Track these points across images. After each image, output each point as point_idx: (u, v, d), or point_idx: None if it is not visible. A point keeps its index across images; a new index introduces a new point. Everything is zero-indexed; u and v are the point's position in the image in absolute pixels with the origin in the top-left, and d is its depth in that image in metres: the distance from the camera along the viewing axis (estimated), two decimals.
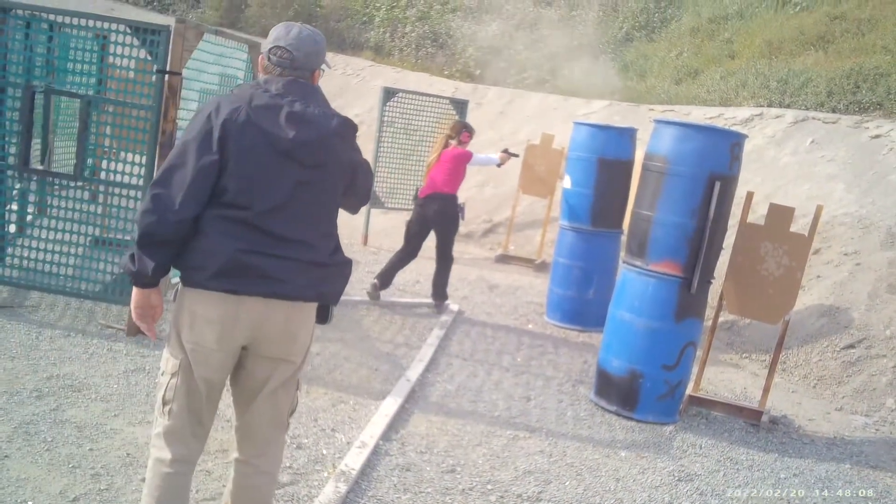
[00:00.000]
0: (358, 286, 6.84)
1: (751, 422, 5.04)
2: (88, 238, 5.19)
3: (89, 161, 5.38)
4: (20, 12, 5.05)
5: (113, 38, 4.95)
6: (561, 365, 5.80)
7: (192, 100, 5.18)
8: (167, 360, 2.46)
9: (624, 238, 5.94)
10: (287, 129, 2.36)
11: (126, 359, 4.48)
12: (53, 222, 5.07)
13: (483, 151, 8.67)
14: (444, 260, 6.59)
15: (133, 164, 4.86)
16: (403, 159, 9.57)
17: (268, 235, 2.36)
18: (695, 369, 5.14)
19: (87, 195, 5.57)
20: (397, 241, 6.81)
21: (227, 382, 2.55)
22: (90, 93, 5.04)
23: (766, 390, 5.07)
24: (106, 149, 5.31)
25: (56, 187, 5.51)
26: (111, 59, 5.25)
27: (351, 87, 14.32)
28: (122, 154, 5.01)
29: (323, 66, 2.56)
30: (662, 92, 11.57)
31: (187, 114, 5.09)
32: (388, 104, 9.17)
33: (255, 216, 2.35)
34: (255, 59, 5.75)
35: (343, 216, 2.69)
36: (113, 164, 5.02)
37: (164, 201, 2.28)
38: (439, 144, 6.62)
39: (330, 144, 2.43)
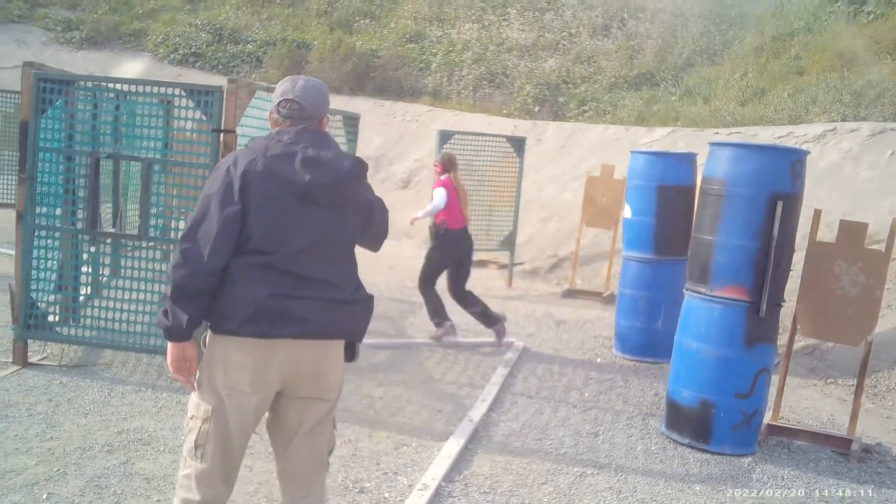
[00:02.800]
0: (421, 328, 6.84)
1: (839, 451, 4.75)
2: (158, 296, 5.35)
3: (157, 221, 5.57)
4: (84, 83, 5.33)
5: (175, 101, 5.17)
6: (630, 398, 5.62)
7: None
8: (198, 406, 2.50)
9: None
10: (303, 174, 2.42)
11: None
12: (124, 282, 5.25)
13: (546, 187, 8.61)
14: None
15: None
16: None
17: (294, 277, 2.42)
18: (772, 397, 4.90)
19: (157, 255, 5.75)
20: None
21: (265, 428, 2.58)
22: (155, 156, 5.24)
23: (854, 416, 4.78)
24: (170, 209, 5.51)
25: (127, 248, 5.71)
26: (173, 122, 5.47)
27: (409, 132, 14.53)
28: (185, 213, 5.17)
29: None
30: (727, 114, 11.31)
31: None
32: (444, 147, 9.24)
33: (280, 260, 2.41)
34: None
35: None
36: (177, 224, 5.19)
37: (193, 254, 2.36)
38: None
39: (345, 185, 2.49)
